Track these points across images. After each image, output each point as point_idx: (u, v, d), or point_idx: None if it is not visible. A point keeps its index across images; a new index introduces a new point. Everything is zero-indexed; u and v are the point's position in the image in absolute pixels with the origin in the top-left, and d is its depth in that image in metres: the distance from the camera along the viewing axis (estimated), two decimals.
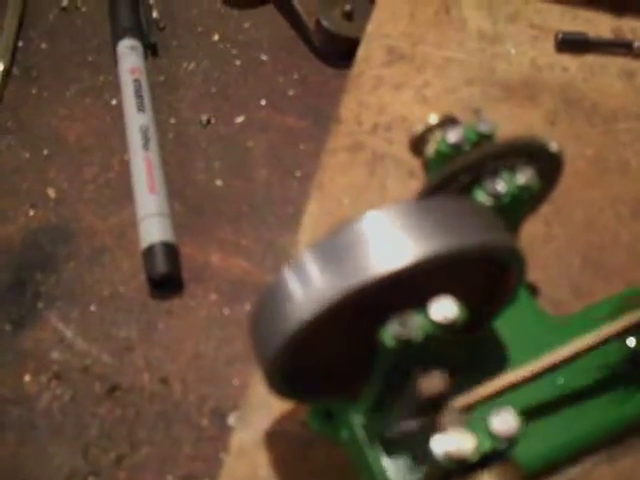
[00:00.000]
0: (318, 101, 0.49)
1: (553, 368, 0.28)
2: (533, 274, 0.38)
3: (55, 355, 0.40)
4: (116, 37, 0.50)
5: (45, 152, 0.47)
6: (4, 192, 0.46)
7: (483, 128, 0.31)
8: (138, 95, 0.47)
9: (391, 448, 0.30)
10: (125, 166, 0.46)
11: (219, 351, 0.40)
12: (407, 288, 0.25)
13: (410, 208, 0.25)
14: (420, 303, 0.25)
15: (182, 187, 0.45)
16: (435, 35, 0.47)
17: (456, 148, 0.30)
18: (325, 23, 0.49)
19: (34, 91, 0.50)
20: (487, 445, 0.24)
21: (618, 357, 0.33)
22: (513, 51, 0.47)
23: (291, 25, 0.52)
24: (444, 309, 0.25)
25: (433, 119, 0.32)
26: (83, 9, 0.54)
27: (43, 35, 0.53)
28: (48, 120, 0.49)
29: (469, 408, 0.27)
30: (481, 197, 0.29)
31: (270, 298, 0.25)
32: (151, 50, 0.51)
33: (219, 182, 0.45)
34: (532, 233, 0.39)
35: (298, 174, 0.46)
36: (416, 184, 0.39)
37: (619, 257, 0.39)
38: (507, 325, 0.33)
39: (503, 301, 0.30)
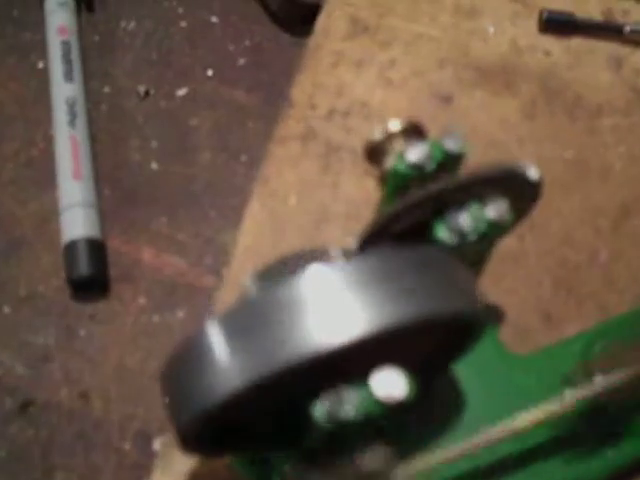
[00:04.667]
0: (271, 73, 0.44)
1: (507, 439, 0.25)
2: (500, 296, 0.34)
3: None
4: None
5: None
6: None
7: (451, 146, 0.26)
8: (66, 60, 0.41)
9: None
10: (50, 141, 0.41)
11: (146, 364, 0.36)
12: (345, 358, 0.21)
13: (358, 266, 0.21)
14: (359, 370, 0.21)
15: (113, 169, 0.40)
16: (405, 5, 0.42)
17: (417, 168, 0.26)
18: None
19: None
20: None
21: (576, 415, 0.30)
22: (491, 29, 0.42)
23: None
24: (388, 384, 0.21)
25: (394, 126, 0.28)
26: None
27: None
28: None
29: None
30: (442, 233, 0.25)
31: (190, 357, 0.21)
32: (86, 4, 0.45)
33: (155, 165, 0.40)
34: (501, 247, 0.35)
35: (244, 158, 0.41)
36: (373, 184, 0.35)
37: (594, 279, 0.35)
38: (465, 363, 0.29)
39: (455, 356, 0.26)
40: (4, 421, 0.34)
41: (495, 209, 0.25)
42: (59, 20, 0.42)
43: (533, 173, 0.26)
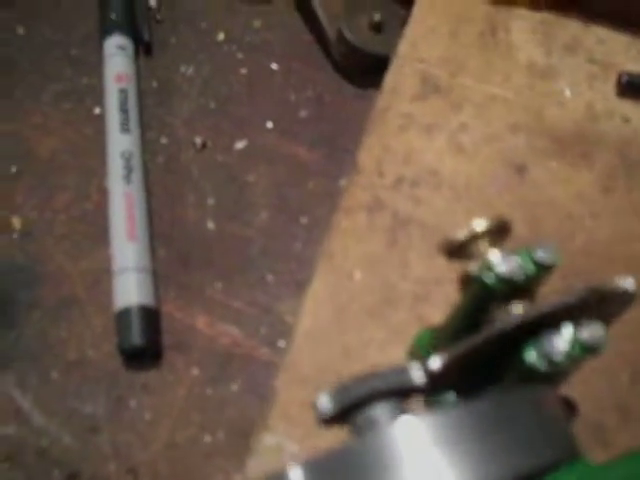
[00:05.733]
0: (334, 127, 0.42)
1: None
2: (570, 387, 0.32)
3: (10, 430, 0.34)
4: (104, 32, 0.43)
5: (13, 170, 0.40)
6: None
7: (543, 257, 0.24)
8: (123, 110, 0.40)
9: None
10: (104, 194, 0.39)
11: (198, 441, 0.34)
12: None
13: (451, 420, 0.19)
14: None
15: (169, 227, 0.39)
16: (478, 63, 0.40)
17: (506, 282, 0.24)
18: (348, 35, 0.42)
19: (3, 89, 0.43)
20: None
21: None
22: (567, 92, 0.40)
23: (309, 29, 0.45)
24: None
25: (479, 225, 0.26)
26: None
27: (21, 18, 0.45)
28: (19, 128, 0.42)
29: None
30: (533, 359, 0.23)
31: None
32: (144, 48, 0.43)
33: (211, 224, 0.39)
34: None
35: (304, 220, 0.39)
36: (444, 262, 0.33)
37: None
38: None
39: None
40: None
41: (590, 332, 0.23)
42: (117, 66, 0.41)
43: (631, 286, 0.24)
